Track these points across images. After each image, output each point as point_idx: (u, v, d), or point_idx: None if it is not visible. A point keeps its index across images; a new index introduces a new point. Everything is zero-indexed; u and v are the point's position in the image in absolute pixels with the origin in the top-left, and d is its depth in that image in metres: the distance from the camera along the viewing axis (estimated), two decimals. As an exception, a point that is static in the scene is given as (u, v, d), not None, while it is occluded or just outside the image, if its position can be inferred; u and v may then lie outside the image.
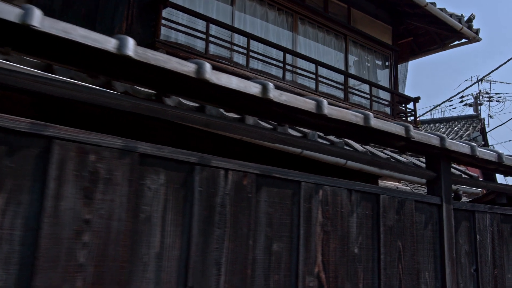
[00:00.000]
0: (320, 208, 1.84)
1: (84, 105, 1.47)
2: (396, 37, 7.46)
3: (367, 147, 3.69)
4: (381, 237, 2.02)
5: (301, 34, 6.07)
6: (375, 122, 1.96)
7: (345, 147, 3.18)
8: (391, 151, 4.07)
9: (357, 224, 1.96)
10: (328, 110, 1.82)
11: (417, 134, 2.14)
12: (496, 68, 18.43)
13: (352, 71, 6.61)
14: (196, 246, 1.49)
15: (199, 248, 1.50)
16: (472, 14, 7.39)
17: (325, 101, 1.81)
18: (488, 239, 2.51)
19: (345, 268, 1.87)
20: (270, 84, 1.68)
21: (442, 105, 25.99)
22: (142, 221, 1.40)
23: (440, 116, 17.75)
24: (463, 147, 2.33)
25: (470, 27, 7.25)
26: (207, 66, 1.53)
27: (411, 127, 2.10)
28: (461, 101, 19.14)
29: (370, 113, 1.97)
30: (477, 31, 7.34)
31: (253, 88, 1.64)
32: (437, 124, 16.41)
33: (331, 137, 3.31)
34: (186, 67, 1.49)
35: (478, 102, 18.48)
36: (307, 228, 1.78)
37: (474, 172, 11.85)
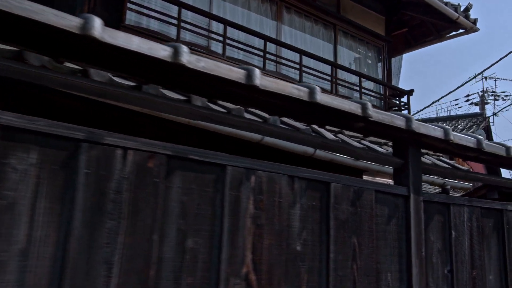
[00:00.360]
0: (252, 198, 1.55)
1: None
2: (390, 28, 7.13)
3: (341, 136, 3.40)
4: (332, 233, 1.73)
5: (286, 23, 5.78)
6: (322, 98, 1.68)
7: (313, 133, 2.88)
8: (370, 141, 3.78)
9: (301, 217, 1.67)
10: (261, 81, 1.53)
11: (377, 114, 1.85)
12: (497, 61, 18.02)
13: (342, 62, 6.30)
14: (79, 241, 1.21)
15: (82, 243, 1.21)
16: (469, 3, 7.05)
17: (257, 70, 1.53)
18: (465, 236, 2.21)
19: (283, 268, 1.58)
20: (184, 47, 1.40)
21: (448, 104, 25.66)
22: (1, 209, 1.12)
23: (446, 115, 17.47)
24: (434, 130, 2.03)
25: (467, 17, 6.92)
26: (97, 20, 1.25)
27: (369, 104, 1.81)
28: (467, 100, 18.78)
29: (317, 87, 1.68)
30: (474, 21, 7.00)
31: (161, 51, 1.36)
32: (441, 122, 16.12)
33: (299, 124, 3.02)
34: (67, 21, 1.21)
35: (484, 100, 18.13)
36: (233, 221, 1.49)
37: (479, 168, 11.43)
